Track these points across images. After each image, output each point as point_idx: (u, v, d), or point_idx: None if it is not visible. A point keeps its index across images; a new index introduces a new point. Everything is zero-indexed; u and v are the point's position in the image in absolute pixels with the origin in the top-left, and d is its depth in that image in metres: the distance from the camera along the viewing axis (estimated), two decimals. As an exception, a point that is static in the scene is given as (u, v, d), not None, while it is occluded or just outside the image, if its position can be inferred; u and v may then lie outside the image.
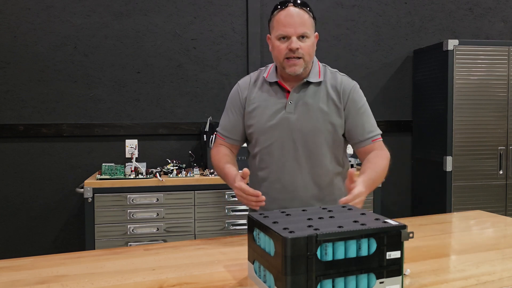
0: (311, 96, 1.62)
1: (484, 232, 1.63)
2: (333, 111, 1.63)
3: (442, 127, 3.20)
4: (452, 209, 3.16)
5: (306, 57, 1.58)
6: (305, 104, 1.62)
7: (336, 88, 1.65)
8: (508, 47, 3.19)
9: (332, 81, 1.66)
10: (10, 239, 3.06)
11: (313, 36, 1.60)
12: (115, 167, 2.69)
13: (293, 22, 1.55)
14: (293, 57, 1.56)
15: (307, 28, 1.56)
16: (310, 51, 1.59)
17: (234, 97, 1.72)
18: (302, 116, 1.61)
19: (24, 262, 1.33)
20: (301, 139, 1.61)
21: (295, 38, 1.55)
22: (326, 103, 1.63)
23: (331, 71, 1.71)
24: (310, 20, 1.59)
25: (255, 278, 1.14)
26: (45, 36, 3.06)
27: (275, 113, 1.62)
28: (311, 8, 1.62)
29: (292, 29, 1.54)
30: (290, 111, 1.61)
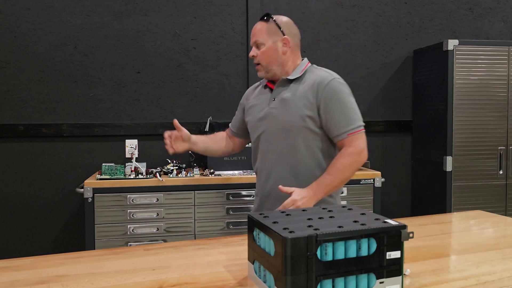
0: (289, 92, 1.76)
1: (484, 232, 1.63)
2: (305, 105, 1.71)
3: (442, 127, 3.20)
4: (452, 209, 3.16)
5: (262, 62, 1.77)
6: (283, 99, 1.76)
7: (313, 83, 1.73)
8: (508, 47, 3.19)
9: (312, 77, 1.76)
10: (10, 239, 3.06)
11: (271, 42, 1.76)
12: (115, 167, 2.69)
13: (252, 34, 1.80)
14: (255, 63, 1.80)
15: (258, 37, 1.76)
16: (265, 57, 1.76)
17: (242, 98, 2.01)
18: (281, 110, 1.75)
19: (24, 262, 1.33)
20: (281, 131, 1.74)
21: (253, 47, 1.79)
22: (300, 97, 1.73)
23: (316, 68, 1.80)
24: (266, 28, 1.77)
25: (255, 278, 1.14)
26: (45, 36, 3.06)
27: (262, 109, 1.81)
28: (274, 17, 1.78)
29: (251, 40, 1.81)
30: (273, 106, 1.77)
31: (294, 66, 1.80)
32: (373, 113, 3.57)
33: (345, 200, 2.90)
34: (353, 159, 1.66)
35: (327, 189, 1.65)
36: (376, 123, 3.55)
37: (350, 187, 2.91)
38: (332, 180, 1.65)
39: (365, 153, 1.70)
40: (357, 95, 3.60)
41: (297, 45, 1.82)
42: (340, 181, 1.67)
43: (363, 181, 2.92)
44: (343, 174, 1.66)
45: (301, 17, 3.41)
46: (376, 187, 2.93)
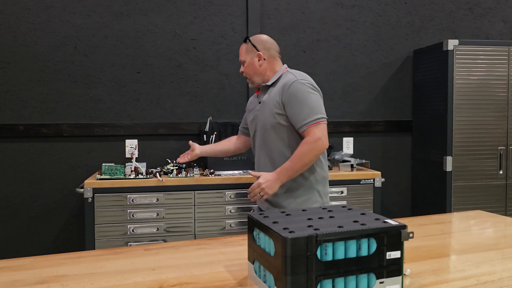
0: (267, 96, 2.09)
1: (484, 232, 1.63)
2: (275, 105, 2.01)
3: (442, 127, 3.20)
4: (452, 209, 3.16)
5: (248, 76, 2.15)
6: (262, 102, 2.10)
7: (281, 86, 2.03)
8: (508, 47, 3.19)
9: (282, 80, 2.06)
10: (10, 239, 3.06)
11: (249, 58, 2.12)
12: (115, 167, 2.69)
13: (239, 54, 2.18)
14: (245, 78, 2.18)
15: (241, 56, 2.15)
16: (247, 71, 2.13)
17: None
18: (261, 112, 2.09)
19: (24, 262, 1.33)
20: (261, 129, 2.07)
21: (241, 65, 2.16)
22: (272, 99, 2.04)
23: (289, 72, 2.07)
24: (245, 49, 2.14)
25: (255, 278, 1.14)
26: (45, 36, 3.06)
27: (253, 112, 2.17)
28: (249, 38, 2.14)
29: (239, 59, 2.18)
30: (257, 109, 2.12)
31: (273, 73, 2.12)
32: (373, 113, 3.57)
33: (345, 200, 2.90)
34: (310, 147, 1.92)
35: (288, 173, 1.94)
36: (376, 123, 3.55)
37: (350, 187, 2.91)
38: (292, 166, 1.93)
39: (322, 141, 1.94)
40: (357, 95, 3.62)
41: (273, 56, 2.13)
42: (300, 166, 1.94)
43: (363, 181, 2.92)
44: (302, 160, 1.93)
45: (301, 17, 3.42)
46: (376, 187, 2.93)
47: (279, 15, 3.38)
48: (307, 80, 2.01)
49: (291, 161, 1.94)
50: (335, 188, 2.88)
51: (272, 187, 1.93)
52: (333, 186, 2.87)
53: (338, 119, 3.49)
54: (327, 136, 1.97)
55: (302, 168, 1.95)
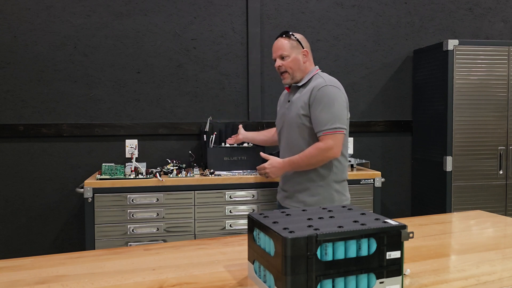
0: (296, 95, 2.19)
1: (484, 232, 1.63)
2: (302, 106, 2.12)
3: (442, 127, 3.20)
4: (452, 209, 3.16)
5: (289, 70, 2.18)
6: (292, 101, 2.21)
7: (310, 88, 2.13)
8: (508, 47, 3.19)
9: (313, 82, 2.15)
10: (10, 239, 3.06)
11: (294, 54, 2.18)
12: (115, 167, 2.69)
13: (274, 49, 2.23)
14: (280, 72, 2.22)
15: (283, 50, 2.18)
16: (291, 65, 2.17)
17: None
18: (289, 110, 2.20)
19: (24, 262, 1.33)
20: (287, 127, 2.20)
21: (278, 59, 2.20)
22: (300, 100, 2.14)
23: (320, 76, 2.17)
24: (289, 43, 2.19)
25: (255, 278, 1.14)
26: (45, 36, 3.06)
27: (281, 109, 2.30)
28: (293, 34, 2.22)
29: (274, 54, 2.23)
30: (286, 107, 2.24)
31: (306, 73, 2.20)
32: (373, 113, 3.57)
33: (345, 200, 2.90)
34: (320, 153, 2.05)
35: (293, 166, 2.12)
36: (376, 123, 3.55)
37: (350, 187, 2.89)
38: (299, 162, 2.09)
39: (333, 151, 2.05)
40: (357, 95, 3.62)
41: (311, 55, 2.25)
42: (305, 164, 2.09)
43: (363, 181, 2.92)
44: (309, 161, 2.07)
45: (301, 17, 3.42)
46: (376, 187, 2.93)
47: (279, 15, 3.38)
48: (337, 86, 2.11)
49: (299, 158, 2.09)
50: (335, 188, 2.87)
51: (275, 173, 2.17)
52: (333, 186, 2.86)
53: (338, 119, 3.49)
54: (340, 147, 2.07)
55: (306, 167, 2.10)
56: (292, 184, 2.20)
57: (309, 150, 2.08)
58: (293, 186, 2.20)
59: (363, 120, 3.53)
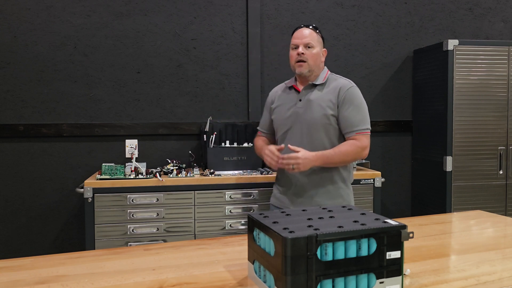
0: (314, 95, 2.10)
1: (484, 232, 1.63)
2: (329, 106, 2.06)
3: (442, 127, 3.20)
4: (452, 209, 3.16)
5: (310, 61, 2.08)
6: (310, 100, 2.10)
7: (336, 88, 2.09)
8: (508, 47, 3.19)
9: (334, 82, 2.12)
10: (10, 239, 3.06)
11: (318, 48, 2.11)
12: (115, 167, 2.69)
13: (301, 35, 2.11)
14: (300, 60, 2.08)
15: (311, 40, 2.09)
16: (314, 58, 2.09)
17: (266, 102, 2.33)
18: (306, 110, 2.09)
19: (24, 262, 1.33)
20: (305, 127, 2.08)
21: (302, 46, 2.09)
22: (325, 99, 2.08)
23: (336, 76, 2.17)
24: (317, 36, 2.12)
25: (255, 278, 1.14)
26: (45, 36, 3.06)
27: (289, 108, 2.15)
28: (319, 30, 2.15)
29: (299, 40, 2.10)
30: (299, 106, 2.11)
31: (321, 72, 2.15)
32: (373, 113, 3.55)
33: (345, 200, 2.90)
34: (356, 151, 2.02)
35: (326, 161, 2.01)
36: (376, 123, 3.55)
37: (350, 187, 2.90)
38: (333, 157, 2.01)
39: (367, 151, 2.06)
40: (357, 95, 3.60)
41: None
42: (338, 161, 2.04)
43: (363, 181, 2.92)
44: (344, 157, 2.03)
45: (301, 17, 3.42)
46: (376, 187, 2.93)
47: (279, 15, 3.38)
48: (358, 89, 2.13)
49: (334, 152, 2.01)
50: (335, 188, 2.88)
51: (306, 165, 1.97)
52: (333, 186, 2.86)
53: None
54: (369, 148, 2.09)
55: (338, 164, 2.06)
56: (310, 186, 2.10)
57: (344, 147, 2.02)
58: (310, 188, 2.10)
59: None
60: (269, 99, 2.31)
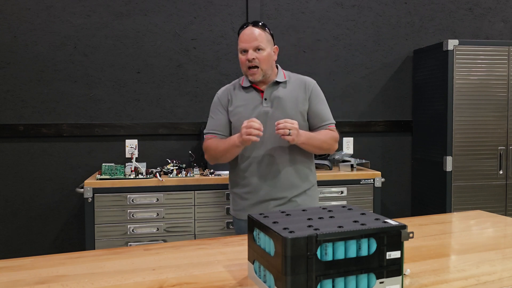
0: (281, 92, 2.02)
1: (484, 232, 1.63)
2: (302, 102, 2.02)
3: (442, 127, 3.20)
4: (452, 209, 3.16)
5: (262, 66, 1.95)
6: (278, 98, 2.00)
7: (301, 84, 2.05)
8: (508, 47, 3.19)
9: (297, 79, 2.08)
10: (10, 239, 3.06)
11: (269, 48, 1.98)
12: (115, 167, 2.69)
13: (249, 38, 1.95)
14: (251, 66, 1.95)
15: (260, 42, 1.94)
16: (265, 60, 1.96)
17: (216, 103, 2.11)
18: (276, 108, 1.99)
19: (24, 262, 1.33)
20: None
21: (251, 51, 1.94)
22: (295, 95, 2.02)
23: (294, 74, 2.12)
24: (266, 36, 1.98)
25: (255, 278, 1.14)
26: (45, 36, 3.06)
27: (254, 108, 2.00)
28: (268, 27, 2.01)
29: (248, 44, 1.95)
30: (266, 105, 2.00)
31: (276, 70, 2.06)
32: (373, 113, 3.57)
33: (345, 200, 2.90)
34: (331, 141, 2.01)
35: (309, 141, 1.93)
36: (376, 123, 3.55)
37: (350, 187, 2.91)
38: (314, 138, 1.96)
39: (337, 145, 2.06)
40: (357, 95, 3.62)
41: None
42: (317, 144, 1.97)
43: (363, 181, 2.92)
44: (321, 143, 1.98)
45: (301, 17, 3.42)
46: (376, 187, 2.93)
47: (279, 15, 3.38)
48: None
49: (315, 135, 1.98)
50: (335, 188, 2.88)
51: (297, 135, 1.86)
52: (333, 186, 2.87)
53: (338, 119, 3.49)
54: None
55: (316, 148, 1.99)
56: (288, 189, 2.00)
57: (323, 134, 1.99)
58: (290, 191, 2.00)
59: (363, 120, 3.53)
60: (220, 100, 2.08)
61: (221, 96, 2.09)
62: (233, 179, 2.10)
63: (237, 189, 2.07)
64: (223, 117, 2.05)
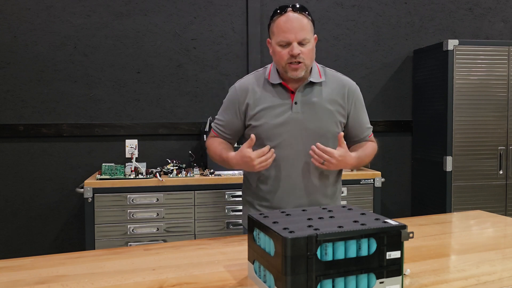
0: (315, 96, 1.68)
1: (484, 232, 1.63)
2: (338, 111, 1.70)
3: (442, 127, 3.20)
4: (452, 209, 3.16)
5: (307, 61, 1.62)
6: (311, 103, 1.67)
7: (341, 87, 1.72)
8: (508, 47, 3.19)
9: (335, 80, 1.74)
10: (10, 239, 3.06)
11: (312, 39, 1.64)
12: (115, 167, 2.69)
13: (292, 28, 1.58)
14: (294, 61, 1.60)
15: (306, 34, 1.59)
16: (310, 55, 1.63)
17: (232, 99, 1.79)
18: (309, 116, 1.67)
19: (24, 262, 1.33)
20: (309, 137, 1.66)
21: (296, 44, 1.59)
22: (331, 102, 1.69)
23: (331, 71, 1.78)
24: (309, 24, 1.62)
25: (255, 278, 1.14)
26: (45, 36, 3.06)
27: (282, 113, 1.67)
28: (309, 11, 1.65)
29: (292, 35, 1.58)
30: (297, 111, 1.66)
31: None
32: (373, 113, 3.56)
33: (345, 200, 2.90)
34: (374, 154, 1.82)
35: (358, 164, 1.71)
36: (376, 123, 3.55)
37: (350, 187, 2.91)
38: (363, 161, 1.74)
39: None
40: (357, 95, 3.60)
41: None
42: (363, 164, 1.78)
43: (363, 181, 2.92)
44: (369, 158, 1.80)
45: (301, 17, 3.41)
46: (376, 187, 2.93)
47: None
48: None
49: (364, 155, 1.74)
50: (335, 188, 2.88)
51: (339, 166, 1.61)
52: (333, 186, 2.86)
53: (338, 119, 3.49)
54: None
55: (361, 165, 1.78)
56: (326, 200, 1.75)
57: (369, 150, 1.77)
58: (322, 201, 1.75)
59: (363, 120, 3.53)
60: (237, 96, 1.76)
61: (240, 92, 1.75)
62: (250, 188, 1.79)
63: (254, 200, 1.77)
64: (235, 117, 1.75)
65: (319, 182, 1.71)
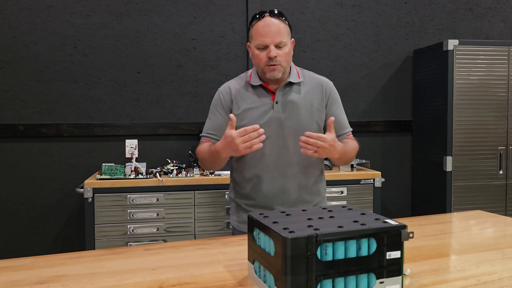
0: (295, 95, 1.77)
1: (484, 232, 1.63)
2: (318, 108, 1.79)
3: (442, 127, 3.20)
4: (452, 209, 3.16)
5: (283, 63, 1.70)
6: (291, 102, 1.75)
7: (318, 86, 1.81)
8: (508, 47, 3.19)
9: (312, 80, 1.83)
10: (10, 239, 3.06)
11: (289, 43, 1.73)
12: (115, 167, 2.69)
13: (270, 32, 1.67)
14: (271, 64, 1.68)
15: (283, 37, 1.68)
16: (287, 58, 1.72)
17: (216, 102, 1.86)
18: (290, 114, 1.75)
19: (24, 262, 1.33)
20: (291, 135, 1.74)
21: (273, 47, 1.68)
22: (309, 100, 1.78)
23: (308, 72, 1.87)
24: (286, 28, 1.72)
25: (255, 278, 1.14)
26: (45, 36, 3.06)
27: (264, 113, 1.75)
28: (286, 17, 1.75)
29: (269, 39, 1.67)
30: (278, 111, 1.75)
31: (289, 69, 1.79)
32: (373, 113, 3.57)
33: (345, 200, 2.90)
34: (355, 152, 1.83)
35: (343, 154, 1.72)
36: (376, 123, 3.55)
37: (350, 187, 2.91)
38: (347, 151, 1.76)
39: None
40: (357, 95, 3.62)
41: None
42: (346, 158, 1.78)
43: (363, 181, 2.92)
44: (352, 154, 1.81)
45: (301, 17, 3.42)
46: (376, 187, 2.93)
47: (279, 15, 3.37)
48: None
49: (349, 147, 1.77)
50: (335, 188, 2.88)
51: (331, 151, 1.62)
52: (333, 186, 2.87)
53: (338, 119, 3.49)
54: None
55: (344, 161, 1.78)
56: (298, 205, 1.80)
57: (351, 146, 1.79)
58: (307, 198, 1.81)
59: (363, 120, 3.53)
60: (222, 100, 1.83)
61: (224, 94, 1.82)
62: (236, 188, 1.86)
63: (240, 199, 1.85)
64: (222, 119, 1.80)
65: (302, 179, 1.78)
